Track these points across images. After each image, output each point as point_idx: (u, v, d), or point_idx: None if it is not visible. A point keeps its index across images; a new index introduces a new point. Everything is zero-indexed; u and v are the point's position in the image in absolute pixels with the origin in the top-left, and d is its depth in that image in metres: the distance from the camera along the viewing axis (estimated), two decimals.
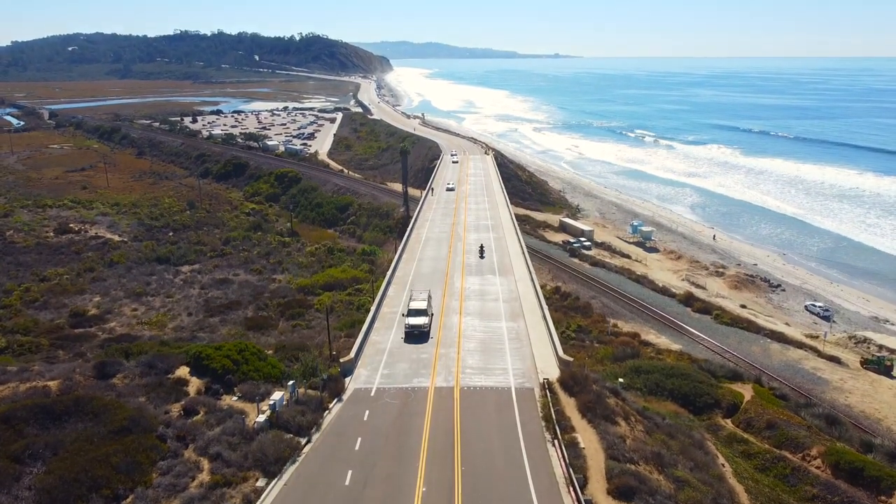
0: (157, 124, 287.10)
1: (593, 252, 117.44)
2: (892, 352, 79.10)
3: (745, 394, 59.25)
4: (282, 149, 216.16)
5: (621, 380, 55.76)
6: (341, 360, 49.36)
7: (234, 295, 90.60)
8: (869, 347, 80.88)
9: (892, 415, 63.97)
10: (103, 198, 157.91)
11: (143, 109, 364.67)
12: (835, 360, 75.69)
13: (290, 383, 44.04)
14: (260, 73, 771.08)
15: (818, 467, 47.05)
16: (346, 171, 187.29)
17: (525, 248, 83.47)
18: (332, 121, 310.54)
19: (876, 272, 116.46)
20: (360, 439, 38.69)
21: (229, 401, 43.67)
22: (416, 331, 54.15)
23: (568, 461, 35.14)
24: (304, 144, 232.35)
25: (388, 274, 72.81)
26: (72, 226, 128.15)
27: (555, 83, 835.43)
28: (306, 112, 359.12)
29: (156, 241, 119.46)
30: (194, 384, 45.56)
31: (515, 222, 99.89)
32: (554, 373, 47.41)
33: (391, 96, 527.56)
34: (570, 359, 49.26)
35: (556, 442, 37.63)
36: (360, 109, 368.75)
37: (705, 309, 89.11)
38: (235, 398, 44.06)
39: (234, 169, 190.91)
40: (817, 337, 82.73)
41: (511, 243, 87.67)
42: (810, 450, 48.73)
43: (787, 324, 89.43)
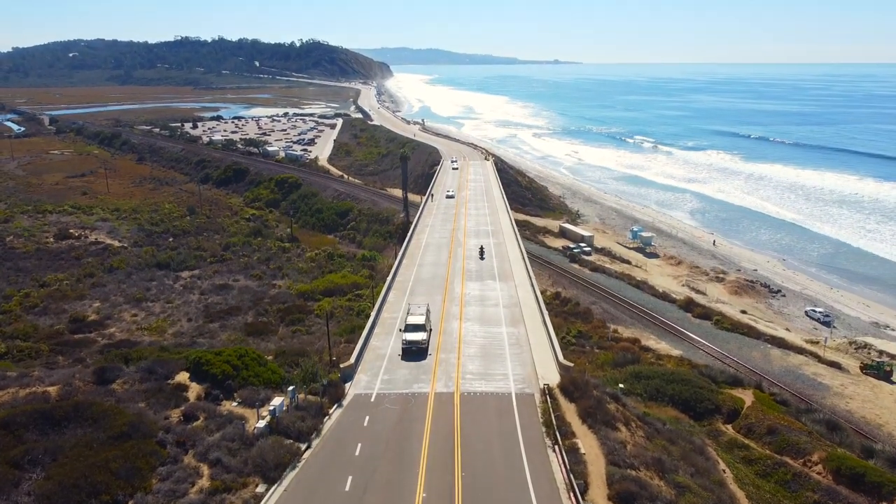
0: (158, 130, 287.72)
1: (593, 257, 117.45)
2: (893, 357, 78.98)
3: (746, 399, 59.16)
4: (282, 154, 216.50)
5: (622, 385, 55.74)
6: (341, 366, 49.29)
7: (233, 300, 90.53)
8: (869, 353, 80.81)
9: (892, 420, 63.85)
10: (103, 203, 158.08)
11: (143, 115, 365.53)
12: (835, 365, 75.59)
13: (290, 389, 43.94)
14: (260, 79, 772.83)
15: (819, 473, 46.93)
16: (346, 176, 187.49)
17: (525, 254, 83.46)
18: (333, 126, 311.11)
19: (876, 277, 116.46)
20: (360, 445, 38.60)
21: (229, 406, 43.59)
22: (413, 347, 51.80)
23: (568, 467, 35.06)
24: (305, 150, 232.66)
25: (389, 279, 72.79)
26: (72, 231, 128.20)
27: (554, 89, 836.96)
28: (306, 118, 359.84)
29: (156, 246, 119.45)
30: (194, 390, 45.49)
31: (515, 228, 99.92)
32: (554, 378, 47.33)
33: (391, 102, 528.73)
34: (571, 364, 49.17)
35: (556, 447, 37.55)
36: (360, 115, 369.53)
37: (705, 314, 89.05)
38: (235, 404, 43.98)
39: (234, 174, 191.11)
40: (818, 342, 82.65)
41: (511, 249, 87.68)
42: (811, 455, 48.61)
43: (787, 329, 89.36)
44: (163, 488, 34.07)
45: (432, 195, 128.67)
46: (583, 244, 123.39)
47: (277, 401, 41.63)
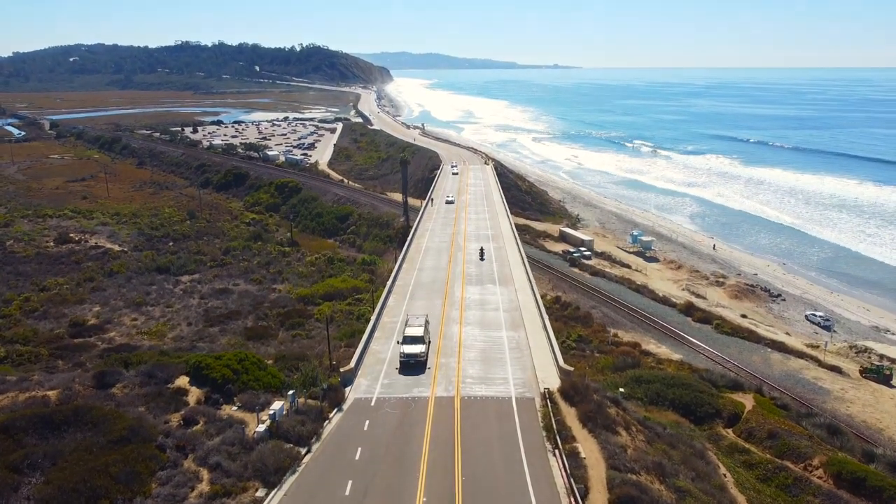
0: (158, 134, 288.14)
1: (593, 262, 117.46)
2: (894, 361, 78.96)
3: (747, 403, 59.07)
4: (282, 159, 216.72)
5: (622, 389, 55.63)
6: (341, 370, 49.25)
7: (233, 305, 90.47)
8: (870, 357, 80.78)
9: (893, 425, 63.82)
10: (103, 208, 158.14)
11: (143, 120, 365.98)
12: (836, 369, 75.55)
13: (290, 393, 43.88)
14: (260, 83, 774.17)
15: (820, 477, 46.85)
16: (346, 181, 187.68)
17: (525, 258, 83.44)
18: (333, 131, 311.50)
19: (876, 282, 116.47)
20: (360, 449, 38.54)
21: (229, 410, 43.52)
22: (412, 360, 50.12)
23: (569, 471, 34.99)
24: (305, 154, 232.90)
25: (389, 283, 72.77)
26: (72, 235, 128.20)
27: (554, 94, 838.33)
28: (307, 122, 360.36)
29: (156, 250, 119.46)
30: (194, 394, 45.42)
31: (515, 232, 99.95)
32: (554, 382, 47.28)
33: (391, 107, 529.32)
34: (571, 368, 49.11)
35: (556, 452, 37.49)
36: (360, 120, 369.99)
37: (706, 318, 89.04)
38: (235, 408, 43.90)
39: (234, 179, 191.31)
40: (818, 346, 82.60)
41: (511, 253, 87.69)
42: (812, 460, 48.52)
43: (787, 333, 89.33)
44: (162, 493, 33.99)
45: (432, 199, 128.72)
46: (583, 248, 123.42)
47: (277, 405, 41.57)
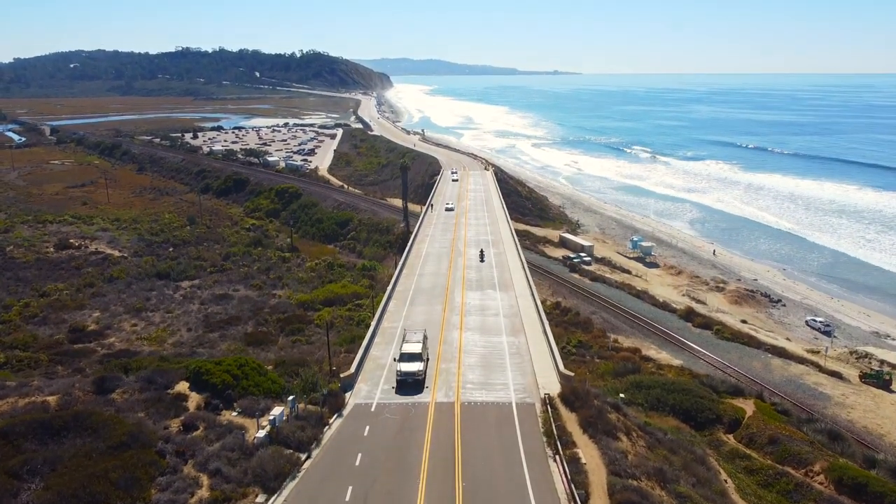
0: (158, 140, 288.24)
1: (593, 267, 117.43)
2: (894, 367, 78.82)
3: (747, 409, 59.02)
4: (282, 164, 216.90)
5: (622, 395, 55.60)
6: (341, 376, 49.18)
7: (233, 310, 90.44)
8: (870, 362, 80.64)
9: (894, 430, 63.71)
10: (104, 213, 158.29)
11: (143, 125, 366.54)
12: (836, 375, 75.49)
13: (290, 398, 43.80)
14: (261, 89, 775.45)
15: (821, 483, 46.77)
16: (346, 186, 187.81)
17: (525, 264, 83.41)
18: (333, 137, 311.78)
19: (876, 287, 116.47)
20: (360, 455, 38.45)
21: (229, 416, 43.44)
22: (409, 378, 47.71)
23: (569, 476, 34.91)
24: (305, 160, 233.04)
25: (389, 289, 72.72)
26: (72, 241, 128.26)
27: (554, 99, 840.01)
28: (307, 128, 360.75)
29: (156, 256, 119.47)
30: (194, 399, 45.35)
31: (515, 238, 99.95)
32: (555, 388, 47.22)
33: (391, 112, 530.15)
34: (571, 374, 49.06)
35: (557, 457, 37.41)
36: (360, 125, 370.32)
37: (706, 324, 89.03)
38: (235, 413, 43.83)
39: (234, 185, 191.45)
40: (818, 352, 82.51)
41: (511, 258, 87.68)
42: (813, 465, 48.45)
43: (788, 339, 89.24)
44: (162, 498, 33.89)
45: (432, 205, 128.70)
46: (583, 254, 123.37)
47: (277, 410, 41.49)
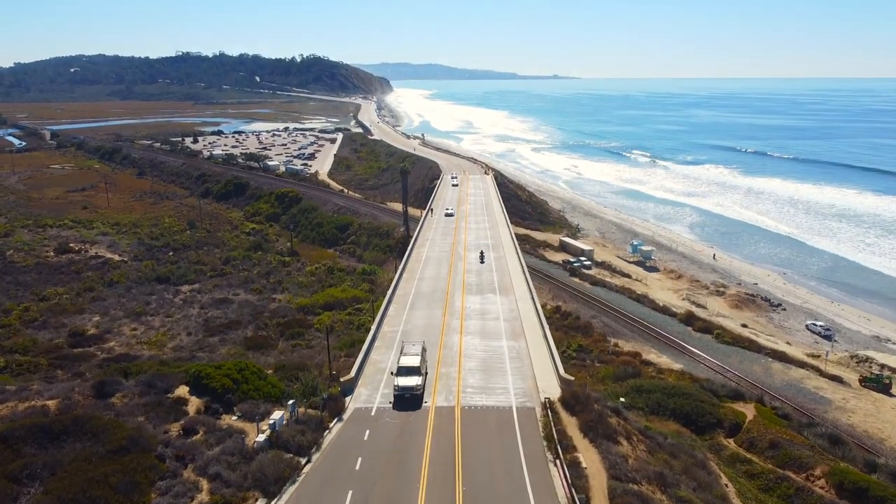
0: (159, 145, 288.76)
1: (593, 271, 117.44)
2: (894, 371, 78.78)
3: (748, 413, 58.91)
4: (282, 169, 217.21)
5: (623, 399, 55.51)
6: (341, 380, 49.14)
7: (233, 314, 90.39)
8: (871, 367, 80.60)
9: (895, 435, 63.56)
10: (104, 217, 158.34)
11: (144, 130, 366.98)
12: (837, 379, 75.42)
13: (290, 403, 43.77)
14: (261, 93, 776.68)
15: (822, 487, 46.63)
16: (346, 190, 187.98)
17: (525, 268, 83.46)
18: (333, 141, 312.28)
19: (876, 291, 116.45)
20: (360, 459, 38.39)
21: (229, 420, 43.38)
22: (406, 394, 45.64)
23: (570, 481, 34.84)
24: (305, 164, 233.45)
25: (389, 293, 72.72)
26: (72, 245, 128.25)
27: (554, 104, 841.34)
28: (307, 132, 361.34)
29: (156, 260, 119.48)
30: (194, 403, 45.29)
31: (516, 241, 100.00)
32: (555, 392, 47.17)
33: (391, 117, 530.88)
34: (572, 378, 48.99)
35: (557, 461, 37.34)
36: (360, 130, 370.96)
37: (706, 328, 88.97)
38: (235, 417, 43.78)
39: (234, 189, 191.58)
40: (819, 356, 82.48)
41: (511, 262, 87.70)
42: (814, 470, 48.32)
43: (788, 343, 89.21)
44: (162, 503, 33.84)
45: (432, 210, 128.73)
46: (583, 258, 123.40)
47: (277, 415, 41.45)
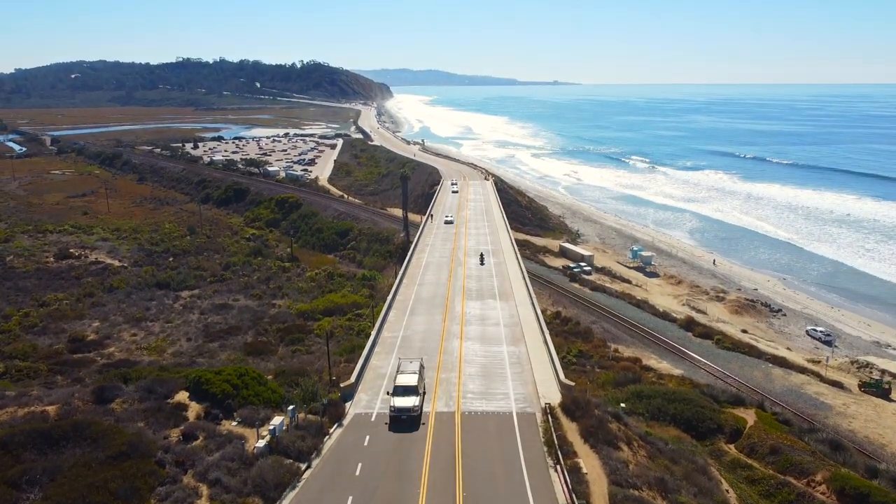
0: (159, 150, 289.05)
1: (593, 277, 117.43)
2: (895, 376, 78.67)
3: (748, 419, 58.87)
4: (282, 174, 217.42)
5: (623, 405, 55.43)
6: (342, 385, 49.08)
7: (233, 320, 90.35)
8: (871, 372, 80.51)
9: None
10: (104, 223, 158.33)
11: (144, 136, 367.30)
12: (837, 384, 75.35)
13: (290, 408, 43.71)
14: (261, 99, 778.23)
15: (823, 493, 46.55)
16: (346, 196, 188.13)
17: (525, 273, 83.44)
18: (333, 147, 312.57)
19: (876, 297, 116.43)
20: (360, 464, 38.33)
21: (229, 426, 43.31)
22: (403, 415, 42.85)
23: (570, 486, 34.78)
24: (305, 170, 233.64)
25: (389, 298, 72.69)
26: (72, 251, 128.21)
27: (553, 110, 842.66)
28: (307, 138, 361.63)
29: (156, 266, 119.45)
30: (194, 409, 45.23)
31: (516, 247, 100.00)
32: (555, 397, 47.12)
33: (391, 123, 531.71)
34: (572, 383, 48.96)
35: (558, 467, 37.29)
36: (360, 136, 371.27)
37: (706, 334, 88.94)
38: (235, 423, 43.70)
39: (234, 194, 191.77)
40: (819, 362, 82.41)
41: (511, 268, 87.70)
42: (815, 475, 48.25)
43: (788, 348, 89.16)
44: None
45: (432, 216, 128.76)
46: (583, 263, 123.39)
47: (277, 420, 41.38)
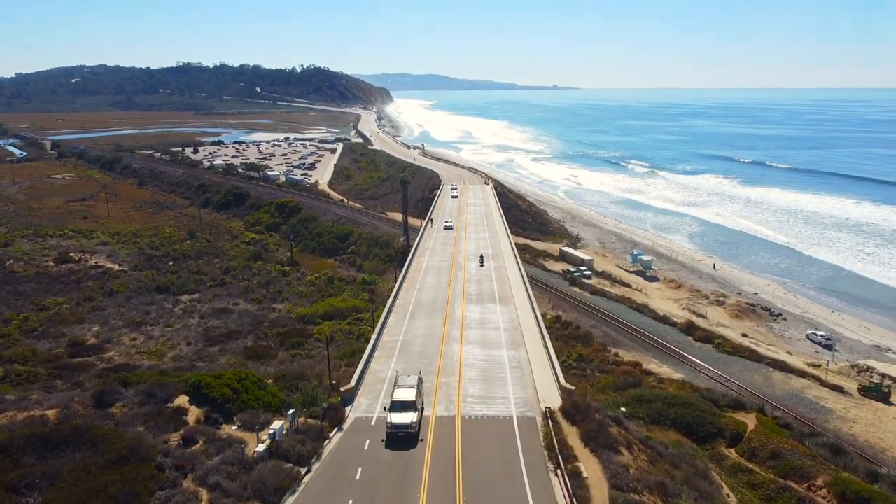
0: (159, 154, 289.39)
1: (594, 281, 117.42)
2: (895, 381, 78.59)
3: (749, 423, 58.77)
4: (282, 179, 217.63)
5: (623, 409, 55.39)
6: (342, 389, 49.03)
7: (233, 324, 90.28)
8: (872, 376, 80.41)
9: None
10: (104, 227, 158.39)
11: (144, 140, 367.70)
12: (838, 389, 75.28)
13: (290, 412, 43.65)
14: (261, 104, 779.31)
15: (824, 497, 46.44)
16: (346, 200, 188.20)
17: (525, 277, 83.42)
18: (333, 151, 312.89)
19: (876, 301, 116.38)
20: (360, 469, 38.27)
21: (229, 430, 43.26)
22: (401, 432, 40.83)
23: (571, 491, 34.71)
24: (305, 174, 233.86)
25: (389, 302, 72.65)
26: (72, 255, 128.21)
27: (553, 114, 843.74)
28: (307, 142, 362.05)
29: (156, 270, 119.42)
30: (194, 413, 45.17)
31: (516, 251, 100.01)
32: (556, 402, 47.06)
33: (391, 127, 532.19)
34: (572, 387, 48.90)
35: (558, 471, 37.23)
36: (360, 140, 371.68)
37: (706, 338, 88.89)
38: (235, 427, 43.65)
39: (234, 199, 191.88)
40: (820, 366, 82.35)
41: (511, 272, 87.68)
42: (816, 479, 48.15)
43: (788, 353, 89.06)
44: None
45: (432, 220, 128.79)
46: (583, 268, 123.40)
47: (277, 424, 41.33)
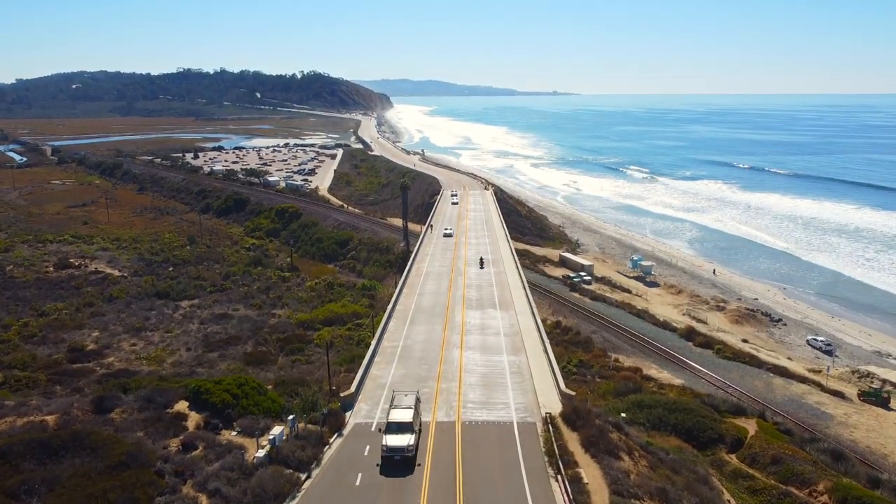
0: (159, 160, 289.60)
1: (594, 286, 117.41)
2: (895, 386, 78.55)
3: (749, 429, 58.74)
4: (282, 184, 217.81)
5: (624, 414, 55.32)
6: (342, 395, 48.98)
7: (233, 330, 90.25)
8: (872, 382, 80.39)
9: None
10: (104, 233, 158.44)
11: (145, 146, 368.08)
12: (838, 394, 75.20)
13: (290, 418, 43.58)
14: (261, 110, 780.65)
15: (825, 503, 46.36)
16: (346, 206, 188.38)
17: (525, 283, 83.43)
18: (333, 157, 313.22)
19: (876, 306, 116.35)
20: (360, 474, 38.17)
21: (228, 436, 43.19)
22: (397, 455, 38.29)
23: (571, 496, 34.65)
24: (305, 180, 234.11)
25: (389, 308, 72.65)
26: (72, 261, 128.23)
27: (553, 120, 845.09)
28: (307, 148, 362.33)
29: (156, 276, 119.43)
30: (193, 419, 45.11)
31: (516, 257, 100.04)
32: (556, 407, 47.01)
33: (391, 133, 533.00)
34: (573, 393, 48.82)
35: (559, 476, 37.15)
36: (360, 146, 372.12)
37: (707, 343, 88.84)
38: (235, 433, 43.59)
39: (234, 204, 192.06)
40: (820, 371, 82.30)
41: (511, 277, 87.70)
42: (817, 485, 48.09)
43: (789, 358, 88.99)
44: None
45: (432, 225, 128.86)
46: (583, 273, 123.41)
47: (277, 430, 41.27)
